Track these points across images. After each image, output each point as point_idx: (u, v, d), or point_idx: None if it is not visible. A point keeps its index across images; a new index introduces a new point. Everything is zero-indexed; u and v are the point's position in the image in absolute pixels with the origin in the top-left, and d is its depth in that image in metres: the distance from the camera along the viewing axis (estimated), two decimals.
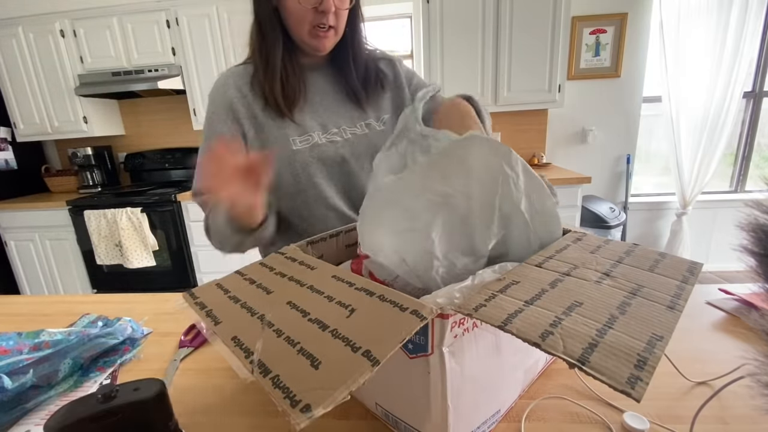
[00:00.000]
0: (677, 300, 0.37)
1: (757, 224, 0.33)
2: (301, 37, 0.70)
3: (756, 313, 0.33)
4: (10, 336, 0.66)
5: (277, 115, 0.74)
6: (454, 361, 0.37)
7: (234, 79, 0.75)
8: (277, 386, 0.28)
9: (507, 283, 0.39)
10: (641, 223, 2.85)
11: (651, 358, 0.28)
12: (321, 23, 0.68)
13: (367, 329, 0.32)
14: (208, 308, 0.41)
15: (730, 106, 2.46)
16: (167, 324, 0.74)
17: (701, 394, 0.48)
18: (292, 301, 0.39)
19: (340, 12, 0.69)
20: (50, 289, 2.62)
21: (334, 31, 0.71)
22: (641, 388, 0.25)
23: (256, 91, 0.74)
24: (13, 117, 2.58)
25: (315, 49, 0.72)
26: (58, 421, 0.34)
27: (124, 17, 2.36)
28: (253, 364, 0.31)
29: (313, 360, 0.30)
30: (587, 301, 0.35)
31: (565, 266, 0.43)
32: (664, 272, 0.43)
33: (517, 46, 2.26)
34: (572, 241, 0.51)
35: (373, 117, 0.82)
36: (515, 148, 1.71)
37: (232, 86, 0.74)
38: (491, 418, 0.45)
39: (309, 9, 0.66)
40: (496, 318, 0.33)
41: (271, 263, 0.50)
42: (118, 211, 2.29)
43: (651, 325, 0.32)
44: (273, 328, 0.35)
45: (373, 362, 0.28)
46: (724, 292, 0.73)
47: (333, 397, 0.26)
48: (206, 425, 0.48)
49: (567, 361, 0.28)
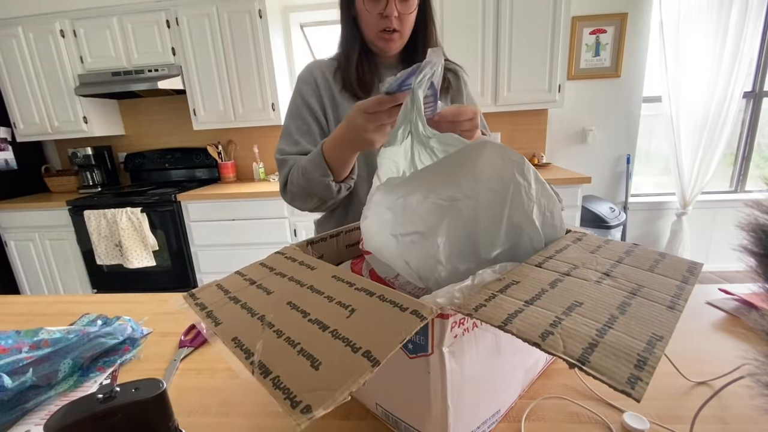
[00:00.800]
0: (677, 300, 0.37)
1: (757, 224, 0.33)
2: (371, 39, 0.82)
3: (756, 313, 0.33)
4: (9, 334, 0.66)
5: (351, 97, 0.85)
6: (454, 361, 0.37)
7: (320, 66, 0.88)
8: (277, 387, 0.28)
9: (507, 283, 0.39)
10: (641, 223, 2.85)
11: (651, 358, 0.28)
12: (387, 27, 0.77)
13: (367, 329, 0.32)
14: (209, 309, 0.41)
15: (730, 106, 2.46)
16: (167, 324, 0.74)
17: (701, 394, 0.48)
18: (292, 301, 0.39)
19: (404, 17, 0.78)
20: (50, 289, 2.62)
21: (399, 35, 0.80)
22: (641, 388, 0.25)
23: (336, 79, 0.86)
24: (13, 117, 2.58)
25: (382, 50, 0.83)
26: (58, 421, 0.34)
27: (124, 17, 2.36)
28: (254, 365, 0.31)
29: (313, 361, 0.30)
30: (587, 301, 0.35)
31: (565, 266, 0.43)
32: (664, 272, 0.43)
33: (517, 46, 2.26)
34: (572, 241, 0.51)
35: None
36: (515, 148, 1.71)
37: (318, 70, 0.87)
38: (491, 418, 0.45)
39: (375, 14, 0.76)
40: (497, 318, 0.33)
41: (271, 263, 0.50)
42: (118, 211, 2.29)
43: (651, 325, 0.32)
44: (273, 329, 0.35)
45: (373, 363, 0.28)
46: (724, 292, 0.73)
47: (333, 397, 0.26)
48: (206, 425, 0.48)
49: (567, 361, 0.28)
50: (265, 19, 2.30)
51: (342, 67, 0.85)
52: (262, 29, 2.31)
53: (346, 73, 0.84)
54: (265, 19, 2.30)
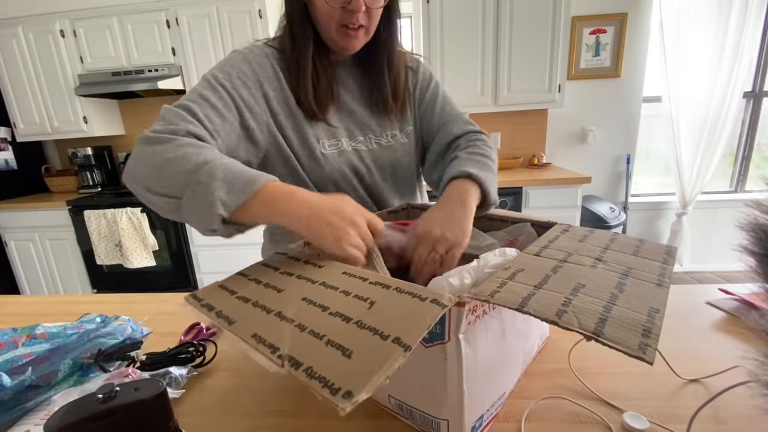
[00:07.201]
0: (663, 278, 0.41)
1: (757, 224, 0.33)
2: (328, 35, 0.66)
3: (756, 313, 0.33)
4: (5, 332, 0.66)
5: (308, 113, 0.70)
6: (468, 348, 0.39)
7: (276, 59, 0.69)
8: (312, 377, 0.28)
9: (514, 271, 0.42)
10: (641, 223, 2.85)
11: (653, 328, 0.31)
12: (351, 23, 0.63)
13: (391, 319, 0.33)
14: (217, 309, 0.41)
15: (730, 106, 2.46)
16: (167, 324, 0.74)
17: (700, 394, 0.48)
18: (307, 297, 0.39)
19: (372, 11, 0.64)
20: (50, 289, 2.62)
21: (364, 30, 0.66)
22: (651, 353, 0.29)
23: (289, 84, 0.69)
24: (13, 117, 2.58)
25: (343, 49, 0.67)
26: (58, 421, 0.34)
27: (124, 17, 2.36)
28: (283, 358, 0.31)
29: (344, 350, 0.31)
30: (588, 283, 0.39)
31: (561, 254, 0.47)
32: (646, 255, 0.48)
33: (517, 46, 2.26)
34: (560, 232, 0.56)
35: (398, 127, 0.79)
36: (515, 148, 1.72)
37: (275, 64, 0.68)
38: (498, 400, 0.46)
39: (336, 7, 0.61)
40: (512, 301, 0.35)
41: (274, 263, 0.50)
42: (118, 211, 2.29)
43: (646, 300, 0.36)
44: (295, 323, 0.35)
45: (404, 348, 0.30)
46: (724, 292, 0.73)
47: (372, 381, 0.27)
48: (206, 425, 0.48)
49: (584, 334, 0.30)
50: (265, 19, 2.30)
51: (295, 77, 0.67)
52: (262, 29, 2.31)
53: (302, 86, 0.67)
54: (265, 19, 2.30)
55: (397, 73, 0.75)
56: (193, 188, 0.48)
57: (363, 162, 0.75)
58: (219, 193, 0.47)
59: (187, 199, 0.48)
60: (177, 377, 0.54)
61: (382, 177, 0.78)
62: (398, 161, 0.79)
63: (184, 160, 0.49)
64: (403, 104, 0.79)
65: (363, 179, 0.76)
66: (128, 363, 0.59)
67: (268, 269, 0.48)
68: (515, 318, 0.48)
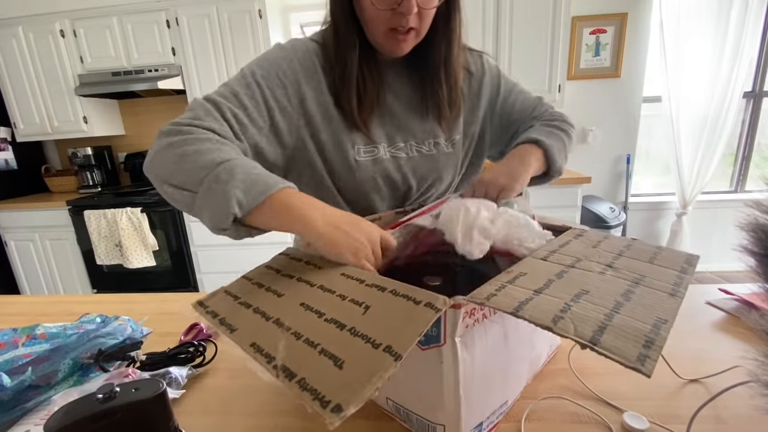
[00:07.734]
0: (678, 288, 0.38)
1: (757, 224, 0.33)
2: (375, 38, 0.61)
3: (756, 313, 0.33)
4: (5, 332, 0.66)
5: (348, 121, 0.66)
6: (465, 351, 0.38)
7: (318, 56, 0.65)
8: (304, 389, 0.29)
9: (515, 275, 0.40)
10: (641, 223, 2.85)
11: (657, 339, 0.29)
12: (400, 25, 0.58)
13: (384, 325, 0.33)
14: (221, 316, 0.41)
15: (730, 106, 2.46)
16: (167, 324, 0.74)
17: (700, 394, 0.48)
18: (305, 302, 0.39)
19: (423, 12, 0.59)
20: (50, 289, 2.62)
21: (415, 33, 0.61)
22: (650, 365, 0.27)
23: (331, 88, 0.65)
24: (13, 117, 2.57)
25: (390, 53, 0.63)
26: (58, 421, 0.34)
27: (124, 17, 2.35)
28: (277, 368, 0.31)
29: (336, 360, 0.31)
30: (593, 290, 0.37)
31: (569, 259, 0.45)
32: (663, 264, 0.45)
33: (517, 46, 2.26)
34: (574, 236, 0.53)
35: (444, 136, 0.72)
36: None
37: (316, 63, 0.64)
38: (499, 408, 0.45)
39: (385, 10, 0.57)
40: (508, 305, 0.34)
41: (277, 266, 0.50)
42: (118, 211, 2.29)
43: (655, 310, 0.34)
44: (291, 331, 0.35)
45: (395, 357, 0.29)
46: (724, 292, 0.73)
47: (362, 395, 0.27)
48: (206, 425, 0.48)
49: (579, 342, 0.29)
50: (265, 19, 2.29)
51: (338, 82, 0.64)
52: (262, 29, 2.31)
53: (346, 94, 0.64)
54: (265, 19, 2.29)
55: (455, 78, 0.68)
56: (210, 184, 0.47)
57: (400, 170, 0.70)
58: (236, 192, 0.46)
59: (202, 193, 0.48)
60: (177, 377, 0.54)
61: (418, 187, 0.73)
62: (439, 172, 0.73)
63: (204, 155, 0.49)
64: (458, 111, 0.72)
65: (398, 188, 0.71)
66: (128, 363, 0.59)
67: (270, 272, 0.49)
68: (518, 323, 0.46)
